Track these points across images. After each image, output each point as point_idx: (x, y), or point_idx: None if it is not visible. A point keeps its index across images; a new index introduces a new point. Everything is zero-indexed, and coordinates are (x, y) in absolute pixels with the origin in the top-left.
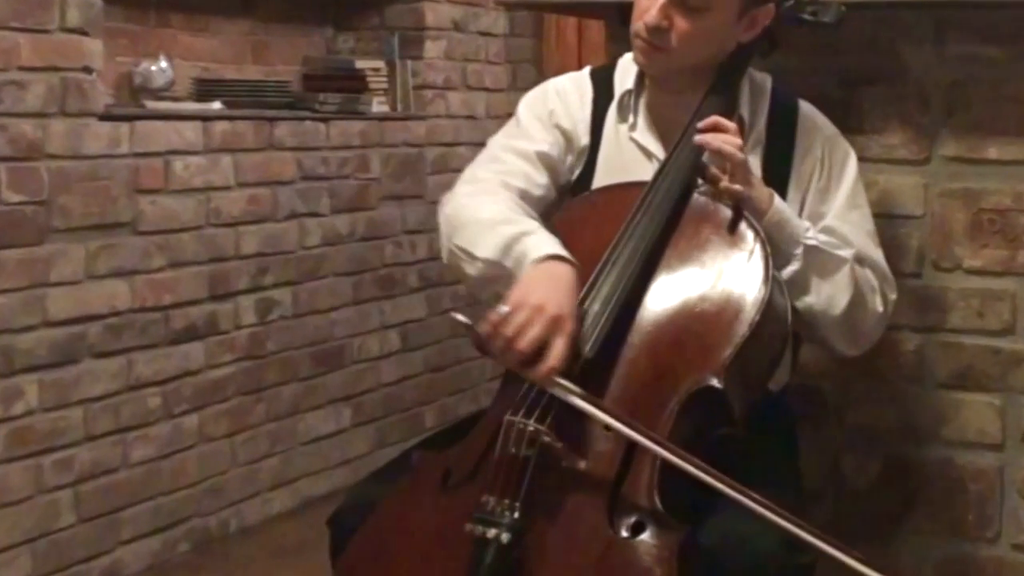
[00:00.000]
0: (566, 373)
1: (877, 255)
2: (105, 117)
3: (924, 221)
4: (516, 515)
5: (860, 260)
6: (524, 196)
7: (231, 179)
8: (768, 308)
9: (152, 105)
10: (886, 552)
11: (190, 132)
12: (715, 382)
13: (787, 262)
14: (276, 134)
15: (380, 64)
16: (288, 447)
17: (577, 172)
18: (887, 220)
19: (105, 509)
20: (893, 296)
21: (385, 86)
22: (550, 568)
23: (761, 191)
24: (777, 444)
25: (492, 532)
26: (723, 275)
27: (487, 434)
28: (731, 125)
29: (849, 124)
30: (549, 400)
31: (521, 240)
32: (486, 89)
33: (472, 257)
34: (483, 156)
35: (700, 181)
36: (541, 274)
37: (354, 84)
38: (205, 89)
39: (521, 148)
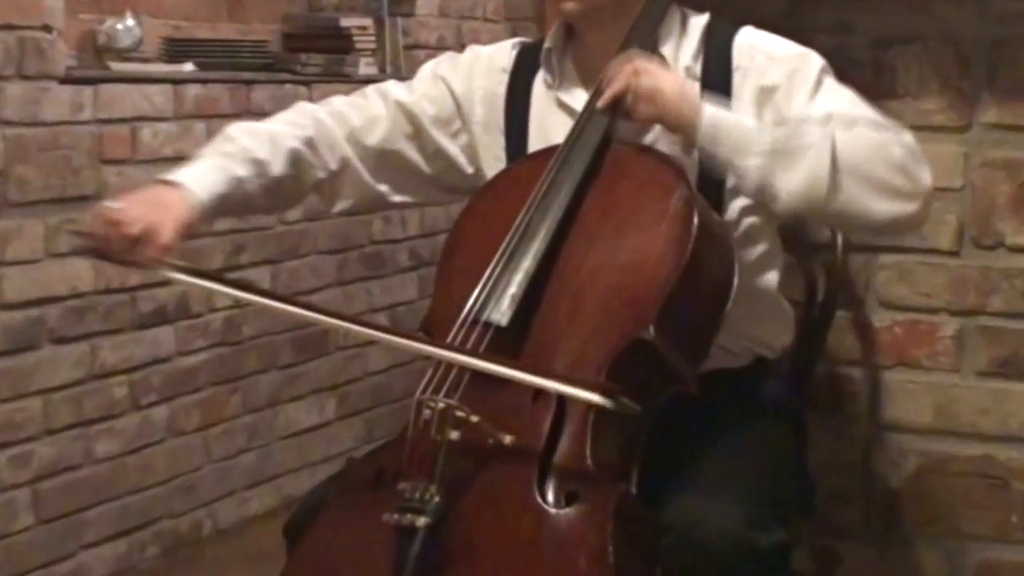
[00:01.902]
0: (474, 349)
1: (867, 112)
2: (66, 80)
3: (963, 194)
4: (436, 499)
5: (846, 122)
6: (355, 133)
7: (204, 148)
8: (698, 249)
9: (118, 67)
10: (921, 557)
11: (159, 96)
12: (644, 334)
13: (743, 177)
14: (254, 99)
15: (367, 22)
16: (267, 441)
17: (503, 152)
18: None
19: (66, 509)
20: (907, 137)
21: (373, 46)
22: (481, 550)
23: (683, 107)
24: (777, 420)
25: (408, 518)
26: (645, 221)
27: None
28: (632, 56)
29: (881, 88)
30: (460, 372)
31: (192, 162)
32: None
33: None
34: (362, 89)
35: (618, 130)
36: (147, 191)
37: (339, 44)
38: (176, 49)
39: (389, 93)
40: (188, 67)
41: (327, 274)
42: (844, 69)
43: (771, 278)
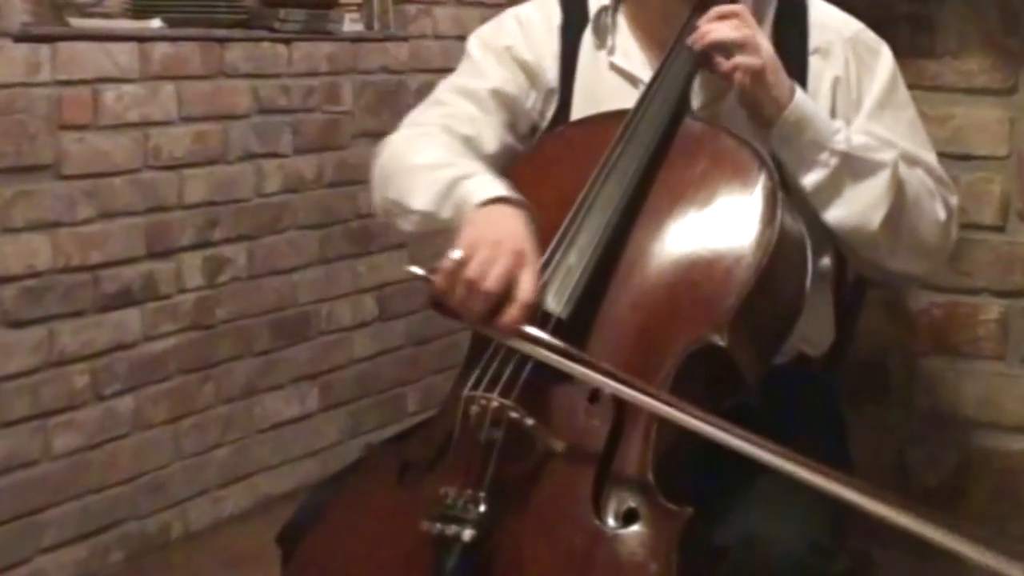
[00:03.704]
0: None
1: (928, 156)
2: (21, 37)
3: (1008, 163)
4: (481, 508)
5: (909, 161)
6: (471, 143)
7: (173, 112)
8: (779, 249)
9: (78, 23)
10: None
11: (124, 56)
12: (717, 339)
13: (810, 170)
14: (227, 58)
15: None
16: (242, 435)
17: (550, 115)
18: (962, 162)
19: (22, 510)
20: (954, 200)
21: (359, 0)
22: (528, 568)
23: (780, 78)
24: (817, 422)
25: (452, 529)
26: (723, 213)
27: (448, 417)
28: (737, 8)
29: (919, 46)
30: (515, 369)
31: (460, 184)
32: (481, 3)
33: (406, 210)
34: (428, 99)
35: (694, 108)
36: (487, 216)
37: None
38: (142, 4)
39: (470, 88)
40: (155, 23)
41: (309, 251)
42: (879, 26)
43: (824, 273)
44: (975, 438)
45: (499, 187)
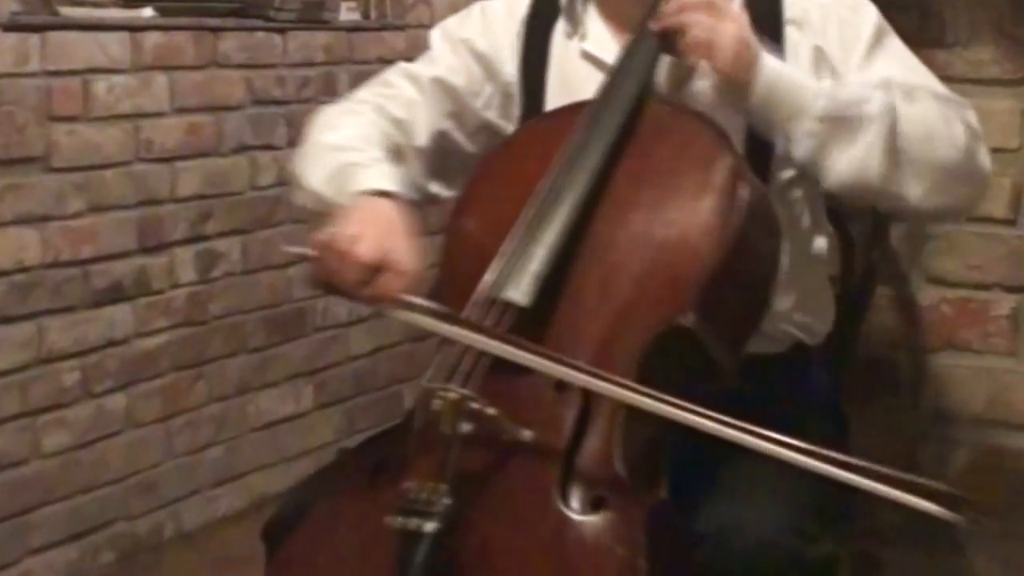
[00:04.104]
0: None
1: (931, 83)
2: (10, 27)
3: (1020, 155)
4: (445, 500)
5: (908, 95)
6: (402, 126)
7: (165, 104)
8: (744, 228)
9: (68, 12)
10: (973, 563)
11: (115, 45)
12: (683, 321)
13: (796, 140)
14: (221, 48)
15: None
16: (236, 434)
17: (515, 111)
18: None
19: (11, 510)
20: (971, 116)
21: None
22: (495, 560)
23: (744, 52)
24: (815, 413)
25: (415, 523)
26: (685, 195)
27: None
28: None
29: (928, 36)
30: (475, 358)
31: (352, 170)
32: None
33: (301, 185)
34: (378, 77)
35: (663, 91)
36: (367, 203)
37: None
38: None
39: (416, 73)
40: (147, 13)
41: (304, 245)
42: (886, 13)
43: (817, 256)
44: (986, 436)
45: (388, 181)
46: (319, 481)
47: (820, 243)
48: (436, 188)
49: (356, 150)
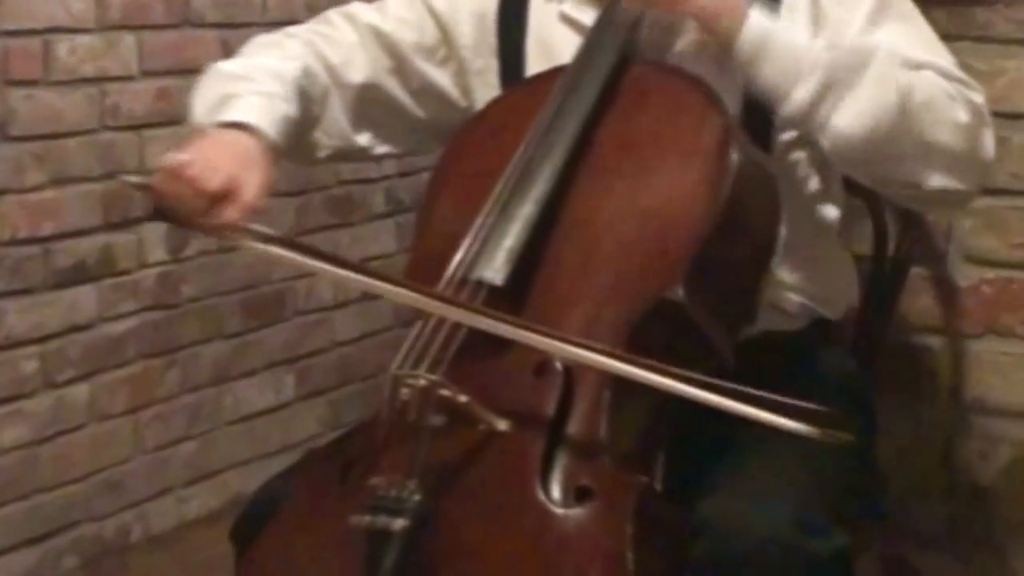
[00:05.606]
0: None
1: (939, 59)
2: None
3: None
4: (416, 497)
5: (912, 64)
6: (333, 70)
7: (134, 66)
8: (737, 193)
9: None
10: (1016, 568)
11: (78, 3)
12: (672, 295)
13: (790, 99)
14: (193, 5)
15: None
16: (211, 427)
17: (495, 76)
18: (1014, 121)
19: None
20: (978, 98)
21: None
22: (473, 558)
23: (720, 7)
24: (835, 391)
25: (382, 521)
26: (673, 159)
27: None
28: None
29: None
30: (445, 341)
31: (228, 101)
32: None
33: (189, 116)
34: (325, 13)
35: (643, 48)
36: (224, 133)
37: None
38: None
39: (358, 16)
40: None
41: (284, 221)
42: None
43: (828, 221)
44: None
45: (256, 115)
46: (286, 481)
47: (830, 211)
48: (365, 140)
49: (249, 80)
